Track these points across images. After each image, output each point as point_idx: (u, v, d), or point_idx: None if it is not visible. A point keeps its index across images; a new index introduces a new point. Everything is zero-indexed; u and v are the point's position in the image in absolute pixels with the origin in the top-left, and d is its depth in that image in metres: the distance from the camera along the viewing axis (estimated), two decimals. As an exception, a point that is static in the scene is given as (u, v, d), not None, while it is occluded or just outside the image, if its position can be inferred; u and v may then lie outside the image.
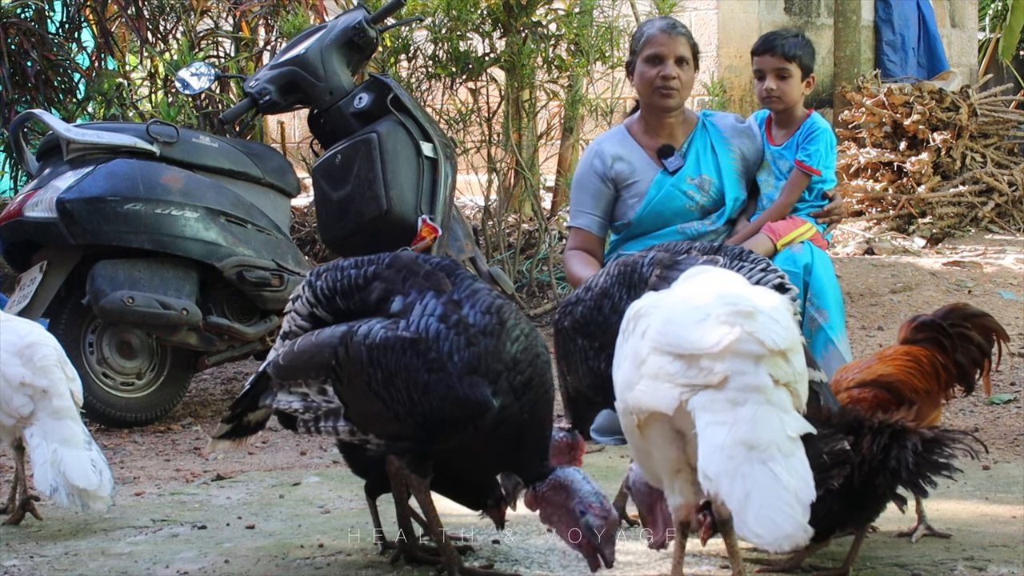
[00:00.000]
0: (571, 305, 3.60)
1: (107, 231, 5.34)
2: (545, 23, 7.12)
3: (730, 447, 2.52)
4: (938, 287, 7.26)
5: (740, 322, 2.62)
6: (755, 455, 2.50)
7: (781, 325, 2.66)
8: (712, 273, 2.90)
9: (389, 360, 2.97)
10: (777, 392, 2.59)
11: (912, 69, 11.61)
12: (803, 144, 4.90)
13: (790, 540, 2.46)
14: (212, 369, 6.24)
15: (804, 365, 2.73)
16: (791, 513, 2.46)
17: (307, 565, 3.32)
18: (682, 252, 3.49)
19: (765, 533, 2.46)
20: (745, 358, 2.59)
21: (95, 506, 3.62)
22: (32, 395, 3.72)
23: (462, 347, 2.95)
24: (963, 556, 3.22)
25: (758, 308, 2.66)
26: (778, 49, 4.92)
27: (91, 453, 3.68)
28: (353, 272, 3.16)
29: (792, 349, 2.66)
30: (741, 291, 2.75)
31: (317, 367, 3.07)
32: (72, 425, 3.72)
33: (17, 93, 7.59)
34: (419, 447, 3.04)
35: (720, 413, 2.56)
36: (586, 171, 5.02)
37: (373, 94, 5.75)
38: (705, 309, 2.68)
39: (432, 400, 2.94)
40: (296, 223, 7.87)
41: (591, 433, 4.95)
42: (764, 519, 2.46)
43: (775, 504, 2.46)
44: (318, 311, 3.17)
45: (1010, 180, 9.04)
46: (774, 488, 2.47)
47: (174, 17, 8.09)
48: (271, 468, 4.75)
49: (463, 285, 3.08)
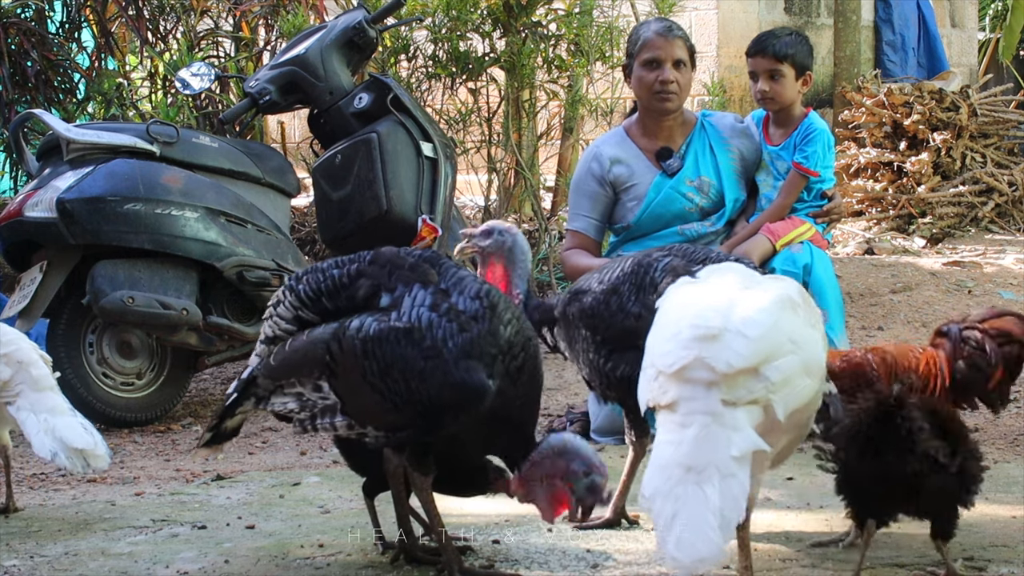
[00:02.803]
0: (581, 293, 3.59)
1: (107, 231, 5.34)
2: (545, 23, 7.12)
3: (670, 467, 2.54)
4: (938, 287, 7.25)
5: (697, 347, 2.63)
6: (691, 476, 2.52)
7: (750, 340, 2.63)
8: (712, 281, 2.88)
9: (384, 351, 2.98)
10: (730, 413, 2.59)
11: (912, 69, 11.61)
12: (801, 145, 4.89)
13: (703, 564, 2.47)
14: (212, 369, 6.24)
15: (801, 363, 2.70)
16: (711, 537, 2.46)
17: (307, 565, 3.32)
18: (698, 262, 3.46)
19: (681, 556, 2.46)
20: (695, 384, 2.61)
21: (96, 464, 3.72)
22: (7, 363, 3.79)
23: (455, 333, 2.97)
24: (963, 556, 3.22)
25: (726, 328, 2.64)
26: (769, 50, 4.90)
27: (78, 419, 3.80)
28: (336, 272, 3.16)
29: (767, 360, 2.64)
30: (721, 305, 2.72)
31: (311, 364, 3.07)
32: (54, 396, 3.83)
33: (17, 93, 7.59)
34: (418, 436, 3.05)
35: (669, 433, 2.60)
36: (584, 174, 5.02)
37: (373, 94, 5.75)
38: (679, 324, 2.70)
39: (430, 387, 2.95)
40: (296, 223, 7.87)
41: (591, 433, 4.96)
42: (683, 541, 2.47)
43: (697, 526, 2.47)
44: (304, 314, 3.16)
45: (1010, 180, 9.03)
46: (700, 511, 2.48)
47: (174, 17, 8.09)
48: (271, 468, 4.75)
49: (448, 274, 3.10)
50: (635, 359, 3.08)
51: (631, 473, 3.60)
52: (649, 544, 3.37)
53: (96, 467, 3.75)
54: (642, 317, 3.40)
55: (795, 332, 2.74)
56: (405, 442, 3.08)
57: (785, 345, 2.69)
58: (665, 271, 3.45)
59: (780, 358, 2.66)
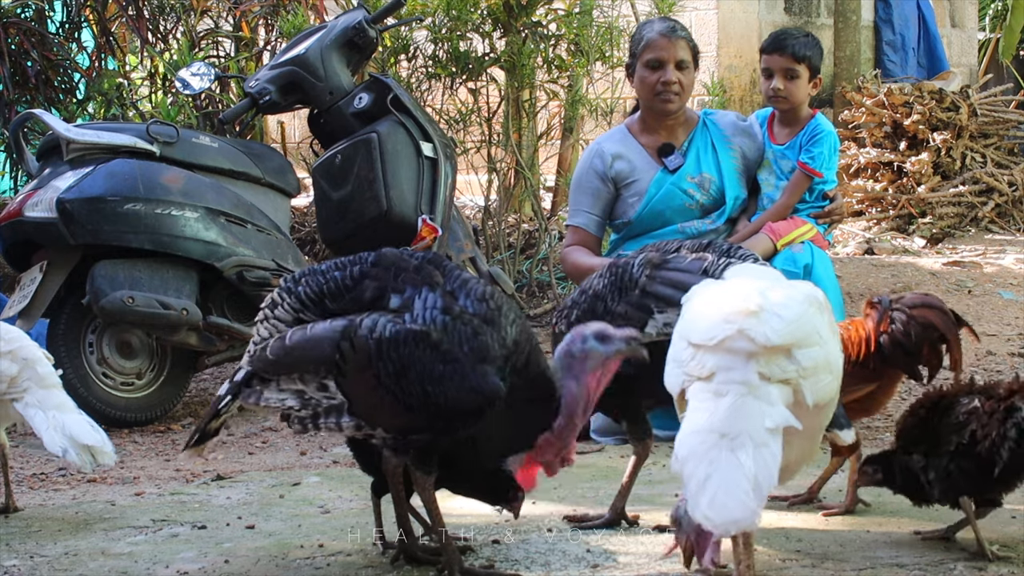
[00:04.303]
0: (567, 309, 3.64)
1: (107, 231, 5.34)
2: (545, 23, 7.12)
3: (704, 432, 2.60)
4: (938, 287, 7.26)
5: (740, 321, 2.70)
6: (725, 442, 2.58)
7: (785, 321, 2.71)
8: (752, 271, 3.02)
9: (401, 353, 2.98)
10: (765, 387, 2.66)
11: (912, 69, 11.62)
12: (807, 145, 4.90)
13: (737, 525, 2.55)
14: (212, 369, 6.23)
15: (825, 358, 2.75)
16: (744, 500, 2.52)
17: (307, 565, 3.32)
18: (672, 251, 3.56)
19: (714, 515, 2.53)
20: (735, 355, 2.68)
21: (103, 461, 3.76)
22: (13, 359, 3.81)
23: (470, 337, 2.99)
24: (963, 556, 3.22)
25: (765, 306, 2.72)
26: (788, 49, 4.91)
27: (84, 416, 3.83)
28: (338, 274, 3.15)
29: (798, 344, 2.71)
30: (761, 287, 2.81)
31: (316, 362, 3.04)
32: (60, 393, 3.86)
33: (17, 93, 7.59)
34: (429, 440, 3.05)
35: (704, 402, 2.66)
36: (585, 170, 5.03)
37: (373, 94, 5.75)
38: (720, 304, 2.77)
39: (447, 390, 2.96)
40: (296, 223, 7.87)
41: (591, 433, 4.96)
42: (717, 502, 2.53)
43: (731, 489, 2.53)
44: (305, 316, 3.14)
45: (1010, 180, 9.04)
46: (734, 475, 2.54)
47: (174, 17, 8.09)
48: (271, 468, 4.75)
49: (452, 276, 3.11)
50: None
51: (633, 475, 3.60)
52: (649, 545, 3.37)
53: (104, 463, 3.80)
54: (628, 315, 3.45)
55: (821, 328, 2.81)
56: (415, 445, 3.08)
57: (813, 335, 2.76)
58: (642, 265, 3.52)
59: (809, 346, 2.74)
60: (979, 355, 6.35)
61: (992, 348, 6.45)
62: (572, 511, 3.72)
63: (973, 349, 6.45)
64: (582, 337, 3.08)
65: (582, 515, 3.65)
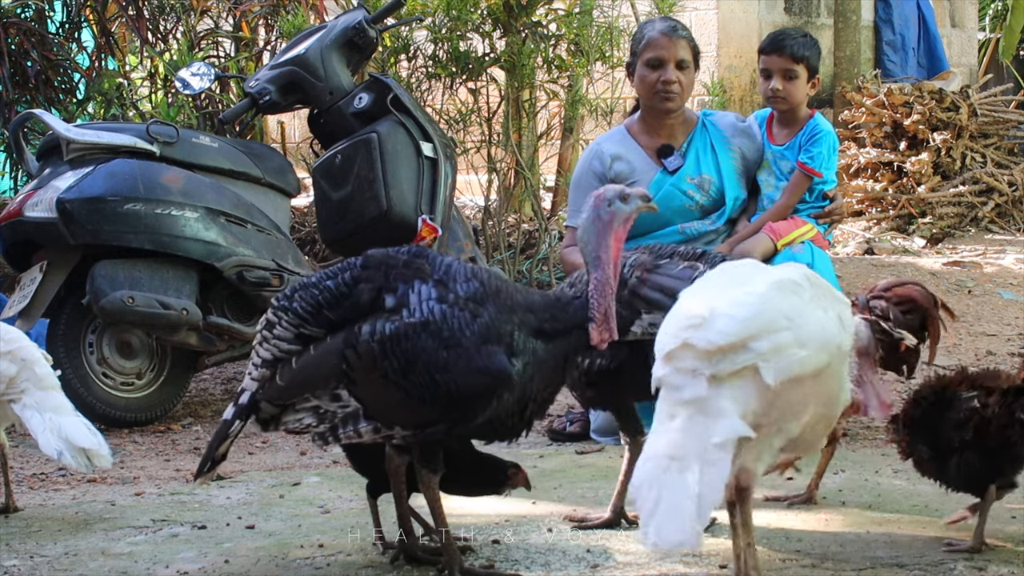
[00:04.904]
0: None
1: (107, 231, 5.34)
2: (545, 23, 7.12)
3: (657, 458, 2.66)
4: (938, 287, 7.26)
5: (684, 334, 2.73)
6: (675, 464, 2.64)
7: (738, 320, 2.72)
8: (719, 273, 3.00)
9: (405, 347, 3.00)
10: (715, 396, 2.68)
11: (912, 69, 11.62)
12: (806, 146, 4.90)
13: (680, 547, 2.61)
14: (212, 369, 6.24)
15: (794, 338, 2.74)
16: (688, 524, 2.58)
17: (307, 565, 3.32)
18: (665, 256, 3.59)
19: (659, 540, 2.60)
20: (682, 372, 2.72)
21: (99, 464, 3.76)
22: (12, 360, 3.82)
23: (470, 321, 3.02)
24: (963, 556, 3.22)
25: (714, 311, 2.73)
26: (787, 49, 4.91)
27: (81, 419, 3.84)
28: (331, 283, 3.15)
29: (755, 336, 2.71)
30: (720, 291, 2.82)
31: (326, 376, 3.06)
32: (58, 395, 3.87)
33: (17, 93, 7.59)
34: (449, 431, 3.07)
35: (660, 424, 2.72)
36: (585, 171, 5.02)
37: (373, 94, 5.75)
38: (673, 315, 2.82)
39: (456, 376, 2.98)
40: (296, 223, 7.87)
41: (591, 433, 4.96)
42: (663, 528, 2.59)
43: (675, 513, 2.59)
44: (306, 329, 3.13)
45: (1010, 180, 9.04)
46: (679, 498, 2.60)
47: (174, 17, 8.09)
48: (271, 468, 4.75)
49: (437, 263, 3.14)
50: (609, 351, 3.28)
51: (628, 474, 3.60)
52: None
53: (99, 466, 3.79)
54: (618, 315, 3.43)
55: (792, 310, 2.79)
56: (435, 438, 3.09)
57: (778, 321, 2.76)
58: (632, 266, 3.53)
59: (772, 333, 2.73)
60: (979, 355, 6.35)
61: (992, 348, 6.46)
62: (572, 511, 3.73)
63: (973, 349, 6.46)
64: (606, 200, 3.12)
65: (582, 515, 3.65)
